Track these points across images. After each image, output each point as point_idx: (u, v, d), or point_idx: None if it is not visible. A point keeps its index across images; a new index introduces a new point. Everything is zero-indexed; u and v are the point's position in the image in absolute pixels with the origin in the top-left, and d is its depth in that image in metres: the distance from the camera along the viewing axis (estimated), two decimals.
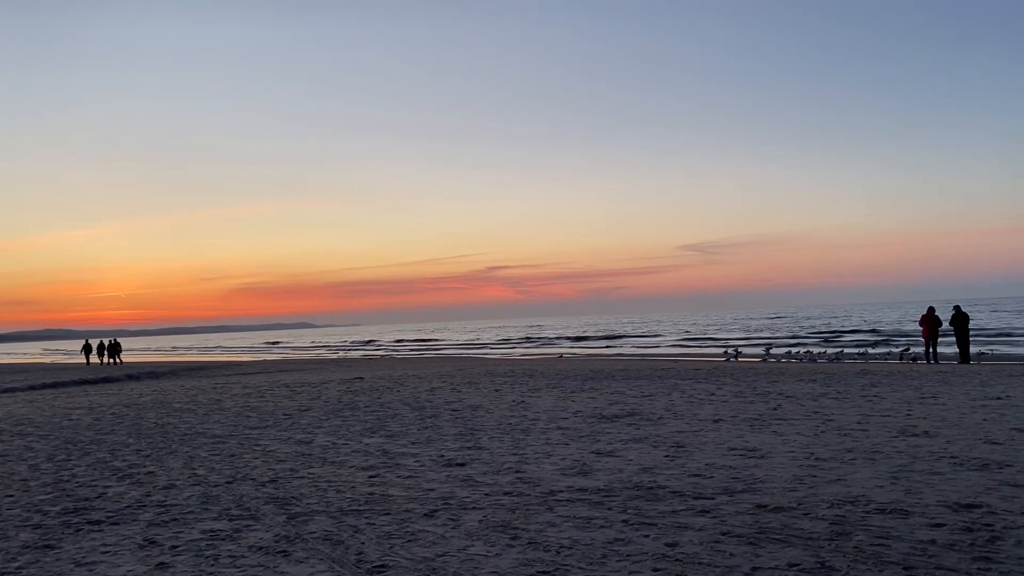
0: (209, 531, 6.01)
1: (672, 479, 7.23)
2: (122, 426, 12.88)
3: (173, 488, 7.69)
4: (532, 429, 10.67)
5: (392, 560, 5.09)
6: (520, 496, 6.78)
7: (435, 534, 5.68)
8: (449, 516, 6.18)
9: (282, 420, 12.82)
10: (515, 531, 5.70)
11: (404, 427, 11.35)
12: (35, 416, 15.11)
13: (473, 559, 5.08)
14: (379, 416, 12.78)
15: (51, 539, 5.97)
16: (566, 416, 11.90)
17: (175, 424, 12.84)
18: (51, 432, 12.47)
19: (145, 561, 5.30)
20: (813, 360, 27.10)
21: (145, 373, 31.94)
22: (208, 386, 21.73)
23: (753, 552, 5.01)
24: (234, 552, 5.43)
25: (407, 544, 5.45)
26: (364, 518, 6.22)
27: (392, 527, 5.91)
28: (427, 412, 13.06)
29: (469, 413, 12.72)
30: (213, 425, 12.51)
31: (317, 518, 6.28)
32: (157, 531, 6.08)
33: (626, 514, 6.05)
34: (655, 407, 12.64)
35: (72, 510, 6.91)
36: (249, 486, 7.63)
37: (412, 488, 7.25)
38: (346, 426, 11.74)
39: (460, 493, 6.97)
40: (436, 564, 4.99)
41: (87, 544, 5.79)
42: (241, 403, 15.98)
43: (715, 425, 10.50)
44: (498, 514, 6.19)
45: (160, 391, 20.59)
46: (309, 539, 5.68)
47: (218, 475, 8.27)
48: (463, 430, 10.82)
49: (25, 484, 8.20)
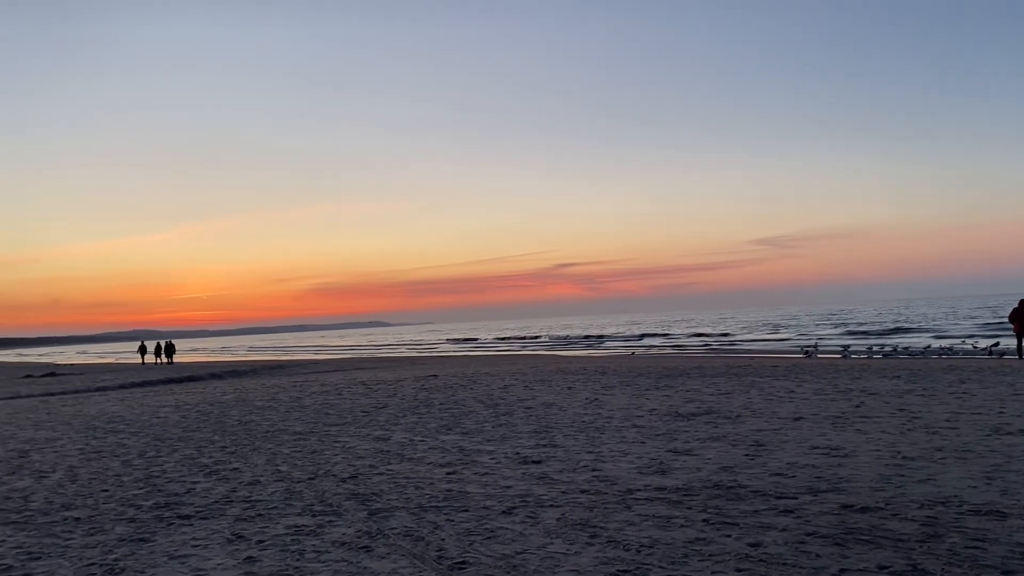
0: (293, 526, 6.16)
1: (753, 478, 7.09)
2: (207, 423, 13.31)
3: (258, 484, 7.90)
4: (607, 427, 10.61)
5: (472, 557, 5.13)
6: (597, 494, 6.75)
7: (514, 531, 5.70)
8: (527, 514, 6.19)
9: (360, 417, 13.05)
10: (594, 529, 5.67)
11: (479, 424, 11.42)
12: (126, 414, 15.73)
13: (553, 557, 5.08)
14: (454, 413, 12.90)
15: (145, 532, 6.21)
16: (641, 414, 11.80)
17: (257, 421, 13.20)
18: (141, 429, 12.97)
19: (233, 555, 5.46)
20: (895, 356, 26.23)
21: (227, 372, 32.93)
22: (288, 384, 22.29)
23: (840, 553, 4.88)
24: (318, 547, 5.55)
25: (486, 541, 5.48)
26: (443, 514, 6.28)
27: (471, 524, 5.96)
28: (501, 410, 13.12)
29: (543, 410, 12.73)
30: (294, 422, 12.82)
31: (397, 514, 6.37)
32: (244, 526, 6.26)
33: (706, 513, 5.97)
34: (733, 405, 12.43)
35: (163, 505, 7.16)
36: (330, 482, 7.79)
37: (489, 485, 7.29)
38: (422, 423, 11.89)
39: (537, 491, 6.98)
40: (516, 561, 5.01)
41: (178, 538, 6.00)
42: (320, 401, 16.33)
43: (796, 423, 10.26)
44: (576, 512, 6.18)
45: (242, 389, 21.20)
46: (390, 535, 5.76)
47: (300, 471, 8.47)
48: (537, 427, 10.83)
49: (119, 479, 8.54)
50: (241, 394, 19.38)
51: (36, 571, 5.30)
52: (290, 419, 13.32)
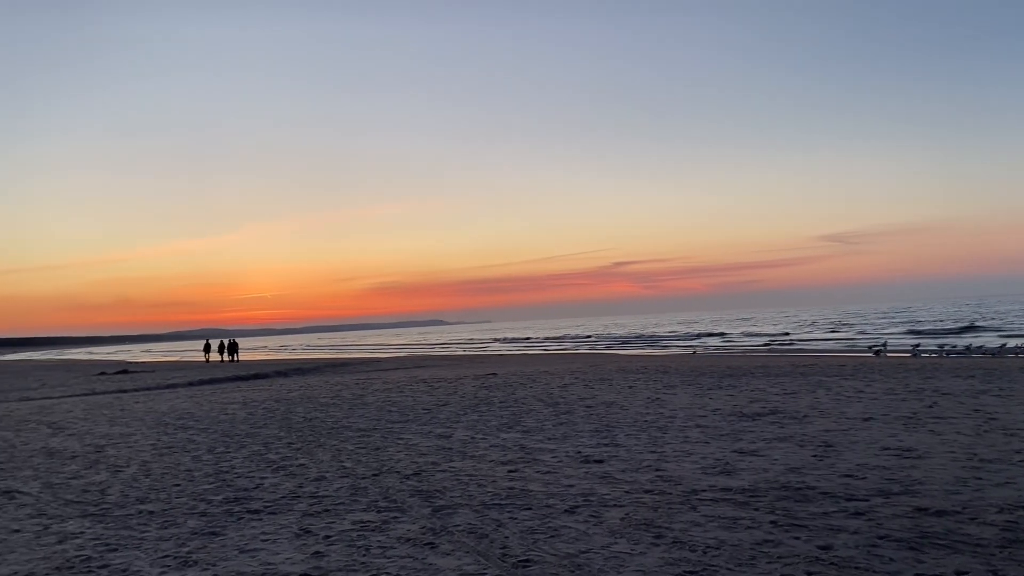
0: (359, 522, 6.24)
1: (822, 480, 6.93)
2: (274, 420, 13.58)
3: (323, 480, 8.03)
4: (669, 427, 10.50)
5: (537, 555, 5.13)
6: (661, 494, 6.68)
7: (577, 530, 5.68)
8: (590, 513, 6.16)
9: (422, 415, 13.16)
10: (659, 530, 5.62)
11: (539, 423, 11.41)
12: (195, 411, 16.16)
13: (617, 556, 5.04)
14: (514, 412, 12.91)
15: (216, 526, 6.36)
16: (704, 414, 11.64)
17: (322, 418, 13.42)
18: (210, 426, 13.29)
19: (302, 550, 5.56)
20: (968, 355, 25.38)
21: (292, 370, 33.56)
22: (351, 382, 22.61)
23: (915, 558, 4.74)
24: (384, 543, 5.61)
25: (550, 540, 5.47)
26: (506, 512, 6.29)
27: (534, 522, 5.95)
28: (561, 408, 13.09)
29: (603, 409, 12.66)
30: (357, 419, 13.00)
31: (461, 511, 6.40)
32: (311, 521, 6.37)
33: (774, 515, 5.86)
34: (799, 405, 12.17)
35: (233, 499, 7.33)
36: (394, 479, 7.87)
37: (551, 484, 7.28)
38: (483, 421, 11.93)
39: (600, 490, 6.94)
40: (580, 560, 4.99)
41: (248, 532, 6.13)
42: (382, 398, 16.53)
43: (865, 424, 10.00)
44: (640, 512, 6.12)
45: (307, 387, 21.58)
46: (454, 532, 5.80)
47: (364, 468, 8.58)
48: (598, 427, 10.77)
49: (190, 474, 8.77)
50: (306, 391, 19.73)
51: (114, 562, 5.47)
52: (353, 416, 13.51)
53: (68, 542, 6.07)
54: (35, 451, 11.18)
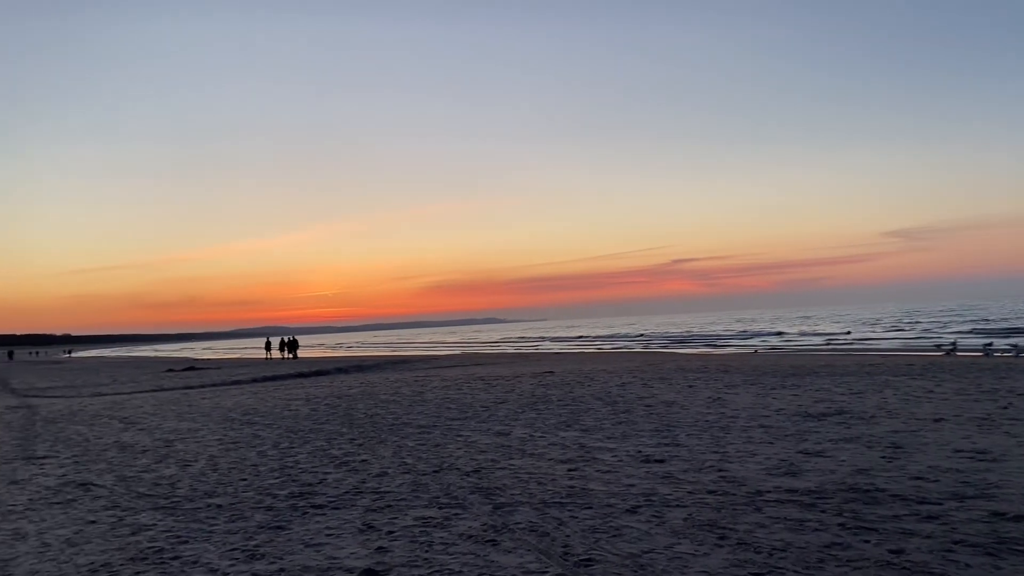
0: (421, 518, 6.29)
1: (891, 482, 6.74)
2: (336, 416, 13.79)
3: (385, 476, 8.12)
4: (732, 427, 10.33)
5: (599, 554, 5.10)
6: (725, 495, 6.58)
7: (639, 530, 5.63)
8: (652, 513, 6.10)
9: (480, 412, 13.21)
10: (723, 531, 5.53)
11: (598, 422, 11.35)
12: (260, 406, 16.50)
13: (681, 557, 4.98)
14: (572, 410, 12.87)
15: (282, 520, 6.48)
16: (767, 414, 11.43)
17: (383, 415, 13.57)
18: (274, 421, 13.56)
19: (365, 545, 5.62)
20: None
21: (352, 367, 34.02)
22: (410, 379, 22.82)
23: (992, 564, 4.58)
24: (446, 539, 5.64)
25: (612, 539, 5.43)
26: (567, 511, 6.27)
27: (595, 521, 5.92)
28: (620, 407, 13.00)
29: (663, 409, 12.53)
30: (417, 416, 13.11)
31: (521, 509, 6.40)
32: (374, 516, 6.44)
33: (842, 517, 5.72)
34: (866, 405, 11.86)
35: (298, 494, 7.46)
36: (455, 476, 7.92)
37: (612, 483, 7.23)
38: (541, 419, 11.92)
39: (662, 490, 6.86)
40: (643, 560, 4.94)
41: (313, 526, 6.23)
42: (441, 395, 16.64)
43: (936, 425, 9.70)
44: (703, 513, 6.04)
45: (367, 383, 21.85)
46: (515, 529, 5.80)
47: (425, 464, 8.64)
48: (658, 426, 10.66)
49: (256, 469, 8.96)
50: (366, 388, 19.98)
51: (184, 554, 5.62)
52: (413, 413, 13.63)
53: (141, 534, 6.25)
54: (108, 445, 11.55)
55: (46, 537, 6.29)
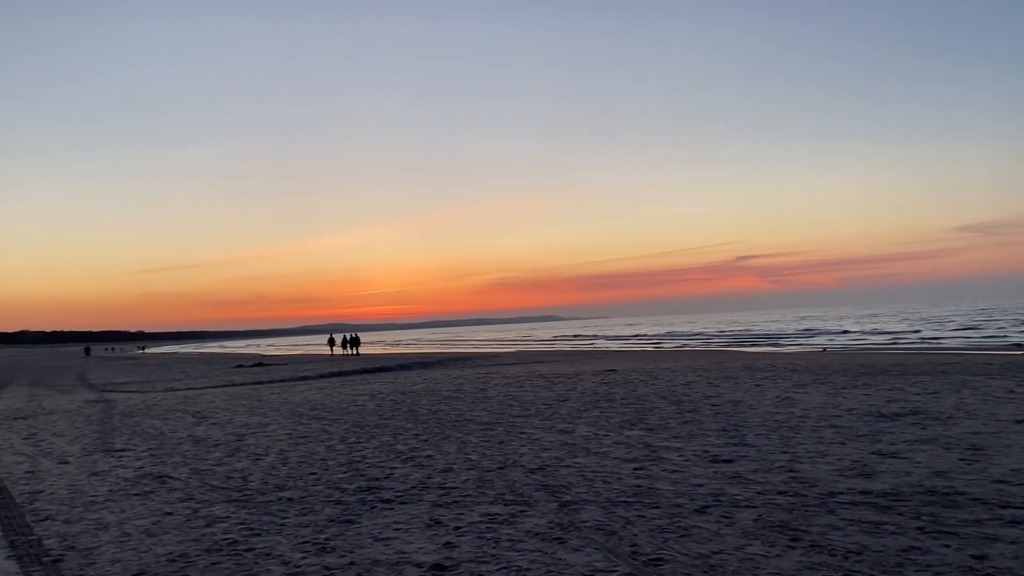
0: (487, 514, 6.31)
1: (971, 485, 6.51)
2: (400, 412, 13.94)
3: (451, 472, 8.17)
4: (802, 427, 10.11)
5: (667, 554, 5.04)
6: (796, 496, 6.44)
7: (709, 531, 5.55)
8: (721, 513, 6.01)
9: (543, 410, 13.20)
10: (795, 532, 5.41)
11: (663, 421, 11.23)
12: (327, 402, 16.78)
13: (752, 559, 4.89)
14: (636, 409, 12.76)
15: (351, 514, 6.57)
16: (838, 414, 11.15)
17: (446, 411, 13.67)
18: (341, 416, 13.78)
19: (433, 540, 5.67)
20: None
21: (415, 363, 34.38)
22: (471, 376, 22.95)
23: None
24: (513, 536, 5.65)
25: (681, 539, 5.37)
26: (634, 510, 6.22)
27: (663, 521, 5.85)
28: (685, 406, 12.84)
29: (730, 408, 12.33)
30: (480, 413, 13.17)
31: (587, 507, 6.37)
32: (441, 512, 6.48)
33: (920, 520, 5.54)
34: (942, 405, 11.48)
35: (366, 488, 7.56)
36: (519, 473, 7.92)
37: (679, 483, 7.14)
38: (605, 417, 11.84)
39: (730, 490, 6.75)
40: (713, 561, 4.87)
41: (381, 521, 6.31)
42: (503, 392, 16.68)
43: (1018, 427, 9.33)
44: (774, 514, 5.92)
45: (429, 380, 22.05)
46: (582, 528, 5.77)
47: (490, 461, 8.67)
48: (726, 426, 10.49)
49: (324, 463, 9.11)
50: (429, 384, 20.15)
51: (257, 546, 5.74)
52: (476, 409, 13.69)
53: (216, 525, 6.41)
54: (182, 439, 11.89)
55: (126, 527, 6.50)
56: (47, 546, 6.00)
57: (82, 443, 11.90)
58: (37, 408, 18.96)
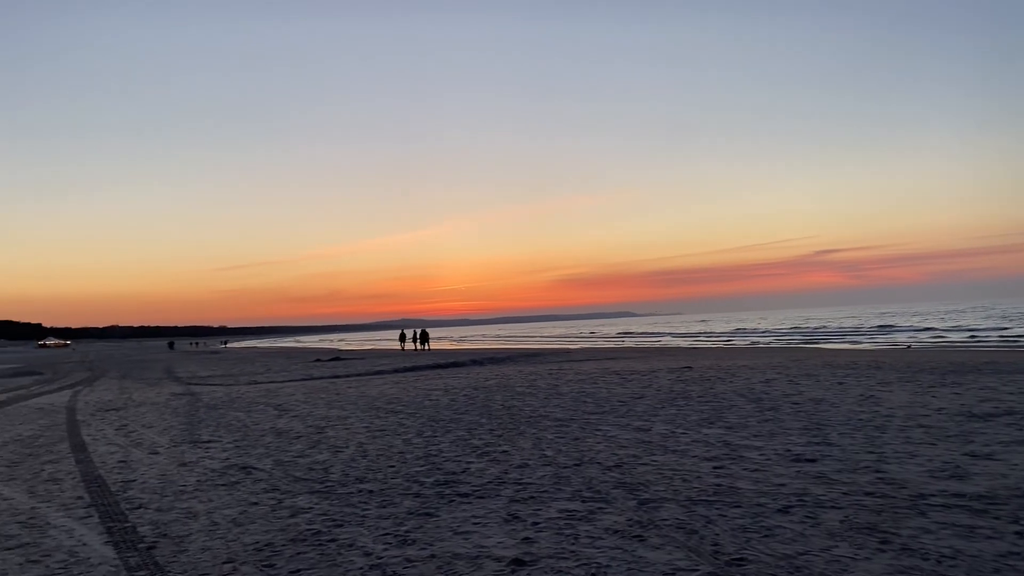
0: (565, 511, 6.30)
1: None
2: (474, 407, 14.04)
3: (526, 467, 8.19)
4: (888, 426, 9.79)
5: (751, 554, 4.94)
6: (884, 497, 6.24)
7: (793, 531, 5.42)
8: (806, 513, 5.86)
9: (617, 407, 13.10)
10: (884, 535, 5.25)
11: (742, 419, 11.02)
12: (402, 396, 17.02)
13: (839, 561, 4.76)
14: (714, 407, 12.55)
15: (429, 508, 6.65)
16: (927, 413, 10.76)
17: (519, 407, 13.70)
18: (416, 411, 13.95)
19: (511, 535, 5.69)
20: None
21: (487, 359, 34.58)
22: (544, 372, 22.95)
23: None
24: (591, 533, 5.62)
25: (764, 539, 5.26)
26: (715, 509, 6.12)
27: (745, 520, 5.75)
28: (765, 404, 12.57)
29: (812, 407, 12.02)
30: (554, 409, 13.16)
31: (667, 505, 6.30)
32: (518, 507, 6.50)
33: (1018, 525, 5.31)
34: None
35: (443, 482, 7.64)
36: (596, 469, 7.88)
37: (761, 482, 7.00)
38: (682, 415, 11.69)
39: (815, 490, 6.59)
40: (799, 562, 4.76)
41: (460, 514, 6.36)
42: (576, 389, 16.63)
43: None
44: (861, 515, 5.75)
45: (502, 376, 22.14)
46: (662, 526, 5.71)
47: (565, 457, 8.65)
48: (807, 424, 10.24)
49: (402, 456, 9.24)
50: (502, 380, 20.24)
51: (340, 537, 5.86)
52: (550, 406, 13.68)
53: (299, 516, 6.57)
54: (265, 431, 12.22)
55: (214, 516, 6.71)
56: (141, 533, 6.25)
57: (170, 434, 12.35)
58: (128, 400, 19.76)
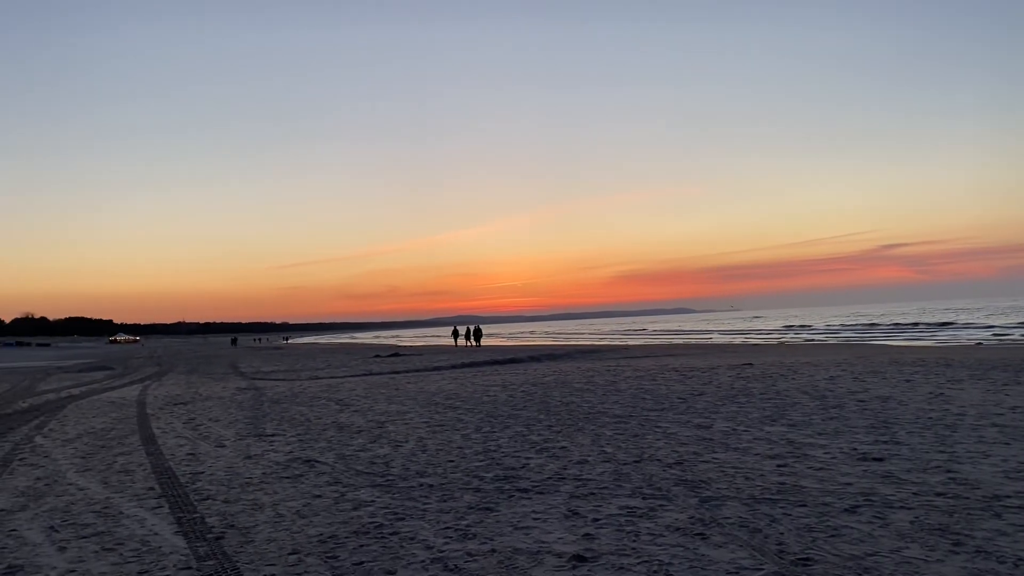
0: (626, 507, 6.26)
1: None
2: (532, 403, 14.05)
3: (586, 463, 8.16)
4: (959, 425, 9.49)
5: (817, 554, 4.85)
6: (956, 498, 6.05)
7: (860, 531, 5.30)
8: (873, 514, 5.72)
9: (677, 404, 12.98)
10: (956, 536, 5.09)
11: (806, 416, 10.81)
12: (460, 392, 17.13)
13: (910, 562, 4.63)
14: (776, 404, 12.34)
15: (489, 502, 6.67)
16: (1001, 412, 10.40)
17: (578, 403, 13.67)
18: (475, 406, 14.03)
19: (572, 531, 5.67)
20: None
21: (544, 355, 34.58)
22: (602, 368, 22.85)
23: None
24: (652, 530, 5.58)
25: (831, 539, 5.15)
26: (779, 508, 6.01)
27: (811, 520, 5.63)
28: (829, 402, 12.31)
29: (878, 404, 11.73)
30: (612, 405, 13.09)
31: (729, 503, 6.22)
32: (578, 503, 6.49)
33: None
34: None
35: (503, 477, 7.66)
36: (656, 467, 7.82)
37: (826, 481, 6.85)
38: (743, 412, 11.52)
39: (882, 490, 6.42)
40: (867, 564, 4.65)
41: (520, 510, 6.38)
42: (635, 385, 16.52)
43: None
44: (932, 516, 5.59)
45: (559, 372, 22.11)
46: (724, 524, 5.64)
47: (625, 454, 8.60)
48: (874, 422, 9.99)
49: (461, 451, 9.30)
50: (559, 376, 20.21)
51: (402, 530, 5.92)
52: (608, 402, 13.62)
53: (362, 509, 6.67)
54: (327, 425, 12.43)
55: (279, 508, 6.85)
56: (209, 524, 6.41)
57: (236, 428, 12.64)
58: (195, 395, 20.30)
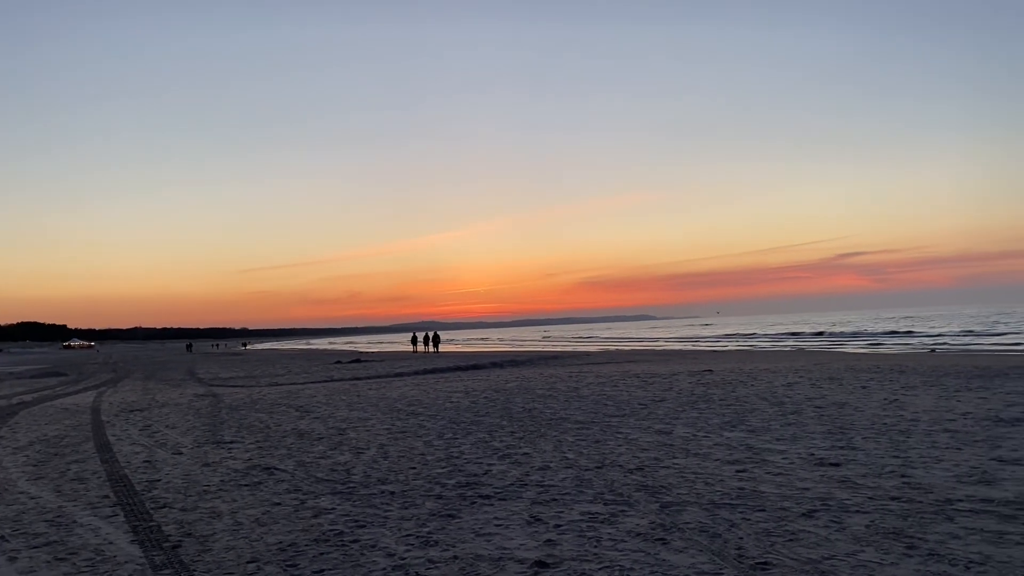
0: (587, 513, 6.28)
1: None
2: (495, 409, 14.04)
3: (548, 469, 8.18)
4: (912, 431, 9.69)
5: (775, 558, 4.91)
6: (910, 502, 6.17)
7: (818, 535, 5.38)
8: (830, 518, 5.81)
9: (638, 410, 13.06)
10: (910, 539, 5.19)
11: (765, 422, 10.95)
12: (423, 398, 17.06)
13: (865, 566, 4.72)
14: (736, 410, 12.49)
15: (451, 509, 6.65)
16: (953, 417, 10.64)
17: (540, 409, 13.69)
18: (437, 413, 13.97)
19: (534, 537, 5.68)
20: None
21: (507, 361, 34.58)
22: (564, 374, 22.92)
23: None
24: (614, 535, 5.61)
25: (788, 543, 5.22)
26: (738, 513, 6.08)
27: (769, 524, 5.71)
28: (788, 408, 12.49)
29: (835, 410, 11.93)
30: (574, 411, 13.13)
31: (689, 509, 6.27)
32: (540, 509, 6.49)
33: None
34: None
35: (465, 484, 7.64)
36: (617, 472, 7.86)
37: (784, 486, 6.95)
38: (703, 418, 11.64)
39: (839, 494, 6.53)
40: (824, 567, 4.72)
41: (482, 516, 6.36)
42: (597, 391, 16.60)
43: None
44: (887, 520, 5.69)
45: (522, 378, 22.13)
46: (685, 529, 5.68)
47: (587, 460, 8.64)
48: (831, 428, 10.16)
49: (423, 458, 9.26)
50: (522, 382, 20.23)
51: (363, 538, 5.87)
52: (570, 408, 13.66)
53: (322, 516, 6.60)
54: (287, 432, 12.29)
55: (238, 516, 6.75)
56: (166, 532, 6.29)
57: (193, 435, 12.44)
58: (151, 401, 19.94)
